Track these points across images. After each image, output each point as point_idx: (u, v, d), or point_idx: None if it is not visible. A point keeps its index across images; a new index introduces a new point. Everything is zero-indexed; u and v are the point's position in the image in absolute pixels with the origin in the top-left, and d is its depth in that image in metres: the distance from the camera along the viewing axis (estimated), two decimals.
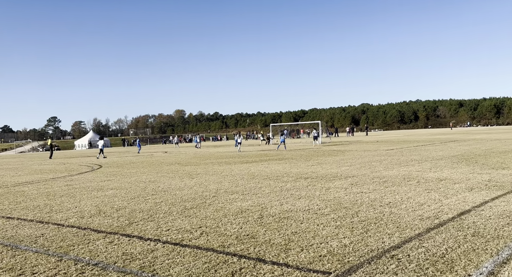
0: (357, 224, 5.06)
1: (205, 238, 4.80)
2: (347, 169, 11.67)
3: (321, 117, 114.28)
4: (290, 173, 11.34)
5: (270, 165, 14.33)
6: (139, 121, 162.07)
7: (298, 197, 7.21)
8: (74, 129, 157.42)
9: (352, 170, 11.20)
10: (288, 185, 8.89)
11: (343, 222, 5.20)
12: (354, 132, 62.35)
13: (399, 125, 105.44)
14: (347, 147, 24.26)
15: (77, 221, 6.07)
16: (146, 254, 4.29)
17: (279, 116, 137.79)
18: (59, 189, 10.18)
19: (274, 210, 6.16)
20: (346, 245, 4.22)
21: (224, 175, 11.70)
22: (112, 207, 7.15)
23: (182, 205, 7.05)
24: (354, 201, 6.56)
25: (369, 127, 77.70)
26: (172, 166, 16.25)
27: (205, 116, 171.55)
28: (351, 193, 7.41)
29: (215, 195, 7.98)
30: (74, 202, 7.97)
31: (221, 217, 5.86)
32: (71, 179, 12.90)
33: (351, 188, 8.01)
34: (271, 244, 4.41)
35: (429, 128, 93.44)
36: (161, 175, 12.50)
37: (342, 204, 6.40)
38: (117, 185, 10.53)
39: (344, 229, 4.83)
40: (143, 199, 7.94)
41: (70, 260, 4.18)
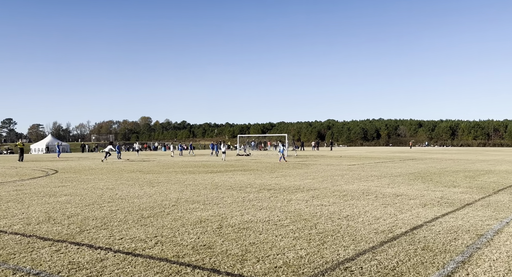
0: (314, 236, 5.09)
1: (159, 247, 4.63)
2: (310, 182, 11.82)
3: (288, 130, 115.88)
4: (254, 184, 11.31)
5: (234, 175, 14.24)
6: (102, 127, 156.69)
7: (260, 208, 7.18)
8: (31, 132, 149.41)
9: (315, 183, 11.36)
10: (251, 195, 8.85)
11: (301, 233, 5.22)
12: (319, 147, 63.66)
13: (362, 142, 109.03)
14: (311, 161, 24.67)
15: (22, 228, 5.68)
16: (94, 263, 4.06)
17: (247, 128, 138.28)
18: (6, 194, 9.52)
19: (234, 221, 6.08)
20: (302, 256, 4.22)
21: (187, 184, 11.47)
22: (63, 214, 6.76)
23: (139, 213, 6.80)
24: (314, 213, 6.62)
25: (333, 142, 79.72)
26: (133, 173, 15.74)
27: (172, 125, 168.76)
28: (311, 205, 7.48)
29: (175, 204, 7.78)
30: (21, 208, 7.47)
31: (178, 227, 5.70)
32: (21, 183, 12.13)
33: (312, 200, 8.09)
34: (228, 254, 4.32)
35: (390, 146, 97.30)
36: (120, 182, 12.05)
37: (302, 215, 6.43)
38: (72, 191, 10.02)
39: (301, 241, 4.84)
40: (98, 206, 7.58)
41: (8, 269, 3.88)
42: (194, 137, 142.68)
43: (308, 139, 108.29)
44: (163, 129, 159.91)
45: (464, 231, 5.31)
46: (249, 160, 26.55)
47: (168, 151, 57.87)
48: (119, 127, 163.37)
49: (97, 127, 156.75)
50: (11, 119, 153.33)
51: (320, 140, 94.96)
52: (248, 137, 68.57)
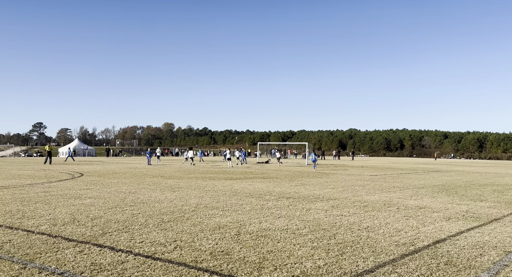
0: (333, 246, 5.03)
1: (178, 252, 4.70)
2: (329, 191, 11.69)
3: (309, 139, 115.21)
4: (273, 191, 11.29)
5: (254, 182, 14.27)
6: (127, 132, 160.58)
7: (278, 216, 7.17)
8: (59, 136, 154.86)
9: (335, 193, 11.23)
10: (270, 203, 8.84)
11: (320, 243, 5.17)
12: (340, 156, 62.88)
13: (385, 152, 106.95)
14: (332, 170, 24.39)
15: (48, 229, 5.89)
16: (115, 265, 4.16)
17: (268, 136, 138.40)
18: (35, 195, 9.90)
19: (252, 228, 6.10)
20: (320, 266, 4.18)
21: (207, 190, 11.58)
22: (87, 216, 6.97)
23: (160, 217, 6.92)
24: (333, 223, 6.54)
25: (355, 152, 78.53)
26: (155, 178, 16.03)
27: (194, 131, 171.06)
28: (331, 215, 7.40)
29: (194, 209, 7.87)
30: (48, 209, 7.75)
31: (197, 232, 5.76)
32: (49, 185, 12.58)
33: (332, 210, 8.00)
34: (245, 261, 4.33)
35: (414, 157, 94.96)
36: (142, 187, 12.30)
37: (320, 225, 6.37)
38: (96, 194, 10.31)
39: (320, 251, 4.80)
40: (120, 209, 7.77)
41: (34, 268, 4.03)
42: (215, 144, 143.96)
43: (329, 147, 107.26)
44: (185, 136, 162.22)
45: (490, 247, 5.12)
46: (269, 168, 26.54)
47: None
48: (143, 132, 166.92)
49: (122, 132, 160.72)
50: (41, 123, 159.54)
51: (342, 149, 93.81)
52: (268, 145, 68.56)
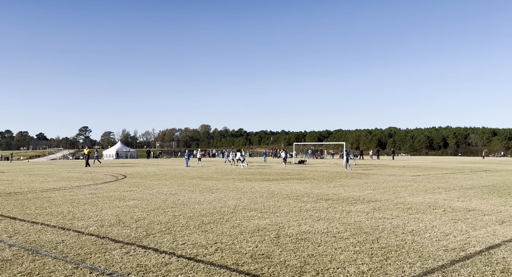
0: (377, 250, 4.87)
1: (219, 254, 4.76)
2: (370, 192, 11.36)
3: (346, 138, 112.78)
4: (311, 193, 11.16)
5: (291, 184, 14.18)
6: (166, 134, 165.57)
7: (317, 219, 7.06)
8: (103, 139, 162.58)
9: (376, 194, 10.89)
10: (308, 205, 8.74)
11: (363, 247, 5.02)
12: (379, 155, 60.97)
13: (427, 151, 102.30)
14: (371, 170, 23.71)
15: (96, 230, 6.18)
16: (160, 267, 4.28)
17: (303, 136, 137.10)
18: (83, 197, 10.44)
19: (292, 231, 6.05)
20: (364, 271, 4.05)
21: (244, 191, 11.66)
22: (131, 218, 7.24)
23: (200, 219, 7.05)
24: (376, 227, 6.34)
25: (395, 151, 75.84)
26: (193, 179, 16.38)
27: (230, 132, 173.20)
28: (372, 218, 7.17)
29: (233, 211, 7.94)
30: (96, 210, 8.14)
31: (237, 234, 5.80)
32: (95, 187, 13.22)
33: (373, 212, 7.76)
34: (286, 265, 4.30)
35: (459, 156, 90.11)
36: (182, 188, 12.61)
37: (362, 228, 6.20)
38: (138, 195, 10.70)
39: (363, 255, 4.66)
40: (162, 211, 8.01)
41: (86, 268, 4.23)
42: (250, 145, 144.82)
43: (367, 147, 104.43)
44: (221, 137, 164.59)
45: None
46: (305, 169, 26.28)
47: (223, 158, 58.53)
48: (181, 134, 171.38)
49: (161, 135, 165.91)
50: (87, 127, 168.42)
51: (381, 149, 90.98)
52: (304, 145, 67.91)
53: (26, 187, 13.22)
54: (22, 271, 4.14)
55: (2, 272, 4.10)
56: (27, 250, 4.94)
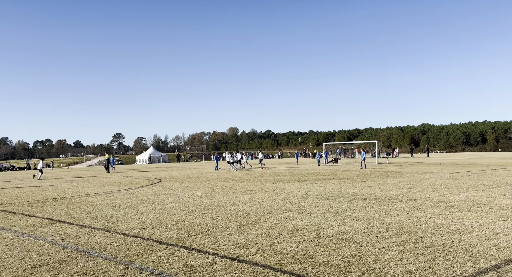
0: (422, 250, 4.75)
1: (261, 254, 4.81)
2: (408, 191, 11.06)
3: (377, 137, 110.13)
4: (345, 193, 11.01)
5: (324, 184, 14.04)
6: (195, 138, 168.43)
7: (356, 219, 6.96)
8: (136, 145, 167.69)
9: (414, 193, 10.59)
10: (345, 205, 8.63)
11: (407, 247, 4.91)
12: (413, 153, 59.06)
13: (464, 148, 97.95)
14: (406, 169, 23.04)
15: (140, 232, 6.40)
16: (205, 267, 4.39)
17: (332, 135, 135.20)
18: (123, 201, 10.84)
19: (331, 231, 6.01)
20: (411, 271, 3.97)
21: (277, 192, 11.68)
22: (172, 220, 7.45)
23: (238, 220, 7.14)
24: (418, 226, 6.18)
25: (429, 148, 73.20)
26: (226, 181, 16.59)
27: (257, 134, 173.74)
28: (414, 217, 6.99)
29: (269, 212, 7.99)
30: (137, 213, 8.43)
31: (276, 235, 5.83)
32: (134, 191, 13.68)
33: (414, 211, 7.56)
34: (330, 265, 4.29)
35: (499, 151, 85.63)
36: (216, 190, 12.80)
37: (404, 228, 6.06)
38: (175, 198, 10.97)
39: (408, 255, 4.56)
40: (200, 213, 8.18)
41: (135, 269, 4.40)
42: (278, 146, 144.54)
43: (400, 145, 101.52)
44: (249, 139, 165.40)
45: None
46: (337, 168, 25.93)
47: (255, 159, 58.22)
48: (209, 138, 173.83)
49: (191, 139, 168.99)
50: (120, 133, 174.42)
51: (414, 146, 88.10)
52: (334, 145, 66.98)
53: (70, 192, 13.88)
54: (78, 271, 4.37)
55: (60, 272, 4.35)
56: (80, 252, 5.20)
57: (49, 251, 5.26)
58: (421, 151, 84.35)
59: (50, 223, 7.43)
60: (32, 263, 4.70)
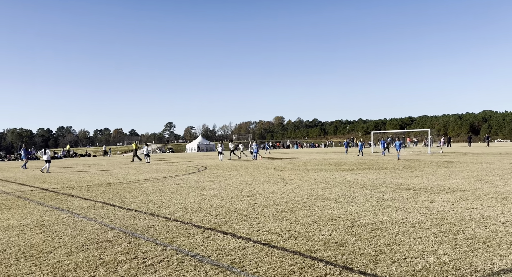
0: (461, 241, 4.54)
1: (293, 241, 4.88)
2: (457, 182, 10.46)
3: (432, 125, 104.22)
4: (389, 183, 10.67)
5: (368, 174, 13.69)
6: (242, 127, 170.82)
7: (396, 209, 6.77)
8: (186, 134, 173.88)
9: (464, 184, 10.00)
10: (386, 195, 8.40)
11: (445, 238, 4.71)
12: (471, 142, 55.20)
13: None
14: (460, 158, 21.68)
15: (181, 216, 6.75)
16: (237, 251, 4.56)
17: (383, 124, 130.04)
18: (169, 187, 11.42)
19: (367, 220, 5.91)
20: (445, 262, 3.83)
21: (318, 181, 11.61)
22: (211, 205, 7.74)
23: (274, 208, 7.26)
24: (462, 217, 5.87)
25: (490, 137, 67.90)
26: (268, 170, 16.76)
27: (304, 123, 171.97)
28: (459, 208, 6.64)
29: (306, 200, 8.00)
30: (180, 198, 8.87)
31: (310, 223, 5.86)
32: (180, 178, 14.32)
33: (460, 202, 7.17)
34: (360, 253, 4.25)
35: None
36: (257, 179, 13.01)
37: (446, 219, 5.79)
38: (217, 185, 11.34)
39: (445, 246, 4.38)
40: (239, 200, 8.41)
41: (173, 250, 4.69)
42: (325, 135, 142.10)
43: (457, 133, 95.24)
44: (295, 128, 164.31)
45: None
46: (385, 158, 25.04)
47: (300, 148, 57.38)
48: (256, 127, 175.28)
49: (238, 128, 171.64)
50: (171, 123, 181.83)
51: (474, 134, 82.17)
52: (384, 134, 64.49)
53: (122, 178, 14.87)
54: (122, 250, 4.75)
55: (106, 250, 4.76)
56: (125, 233, 5.63)
57: (99, 231, 5.75)
58: (481, 139, 78.36)
59: (102, 206, 8.07)
60: (83, 241, 5.18)
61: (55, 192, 10.99)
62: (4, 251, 4.79)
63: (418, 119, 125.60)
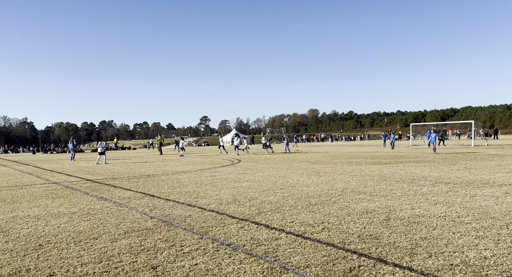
0: (505, 236, 4.34)
1: (326, 233, 4.89)
2: (503, 175, 9.91)
3: (476, 116, 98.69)
4: (428, 176, 10.31)
5: (405, 167, 13.29)
6: (275, 121, 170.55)
7: (434, 203, 6.56)
8: (220, 127, 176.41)
9: (511, 178, 9.46)
10: (424, 189, 8.14)
11: (487, 232, 4.53)
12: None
13: None
14: (508, 151, 20.44)
15: (216, 207, 6.94)
16: (271, 241, 4.64)
17: (423, 115, 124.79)
18: (205, 179, 11.72)
19: (404, 214, 5.78)
20: (486, 257, 3.69)
21: (353, 174, 11.43)
22: (245, 197, 7.88)
23: (307, 200, 7.27)
24: (507, 212, 5.60)
25: None
26: (302, 163, 16.71)
27: (339, 116, 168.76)
28: (504, 202, 6.32)
29: (341, 193, 7.94)
30: (215, 190, 9.09)
31: (344, 215, 5.83)
32: (215, 170, 14.64)
33: (505, 197, 6.82)
34: (395, 246, 4.20)
35: None
36: (290, 171, 13.03)
37: (489, 213, 5.55)
38: (251, 178, 11.49)
39: (486, 240, 4.22)
40: (272, 192, 8.49)
41: (208, 239, 4.86)
42: (361, 128, 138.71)
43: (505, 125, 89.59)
44: (330, 121, 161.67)
45: None
46: (424, 151, 24.13)
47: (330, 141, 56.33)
48: (289, 120, 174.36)
49: (271, 121, 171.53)
50: (207, 116, 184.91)
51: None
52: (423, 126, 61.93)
53: (160, 170, 15.44)
54: (161, 238, 4.99)
55: (147, 238, 5.01)
56: (164, 222, 5.89)
57: (139, 220, 6.05)
58: None
59: (142, 196, 8.45)
60: (126, 229, 5.49)
61: (99, 182, 11.63)
62: (56, 236, 5.18)
63: (461, 111, 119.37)
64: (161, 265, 3.94)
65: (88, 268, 3.90)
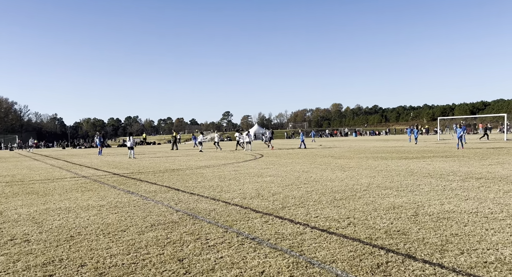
0: None
1: (352, 228, 4.81)
2: None
3: (509, 109, 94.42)
4: (458, 171, 9.96)
5: (433, 162, 12.89)
6: (298, 115, 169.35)
7: (465, 198, 6.33)
8: (242, 122, 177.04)
9: None
10: (454, 184, 7.87)
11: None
12: None
13: None
14: None
15: (240, 201, 6.97)
16: (295, 235, 4.61)
17: (451, 109, 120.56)
18: (228, 173, 11.80)
19: (432, 209, 5.61)
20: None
21: (379, 169, 11.20)
22: (269, 192, 7.88)
23: (332, 195, 7.18)
24: None
25: None
26: (325, 158, 16.52)
27: (363, 110, 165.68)
28: None
29: (366, 189, 7.79)
30: (239, 184, 9.13)
31: (370, 211, 5.72)
32: (238, 165, 14.71)
33: None
34: (425, 242, 4.08)
35: None
36: (314, 166, 12.91)
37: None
38: (274, 172, 11.47)
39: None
40: (296, 186, 8.44)
41: (233, 232, 4.88)
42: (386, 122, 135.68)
43: None
44: (354, 115, 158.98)
45: None
46: (453, 145, 23.34)
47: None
48: (312, 115, 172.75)
49: (293, 116, 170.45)
50: (229, 112, 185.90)
51: None
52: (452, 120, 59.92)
53: (185, 165, 15.67)
54: (186, 231, 5.06)
55: (173, 230, 5.10)
56: (189, 215, 5.97)
57: (165, 213, 6.16)
58: None
59: (167, 190, 8.60)
60: (152, 222, 5.60)
61: (126, 176, 11.93)
62: (86, 228, 5.35)
63: (492, 104, 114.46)
64: (187, 257, 3.99)
65: (117, 259, 4.01)
